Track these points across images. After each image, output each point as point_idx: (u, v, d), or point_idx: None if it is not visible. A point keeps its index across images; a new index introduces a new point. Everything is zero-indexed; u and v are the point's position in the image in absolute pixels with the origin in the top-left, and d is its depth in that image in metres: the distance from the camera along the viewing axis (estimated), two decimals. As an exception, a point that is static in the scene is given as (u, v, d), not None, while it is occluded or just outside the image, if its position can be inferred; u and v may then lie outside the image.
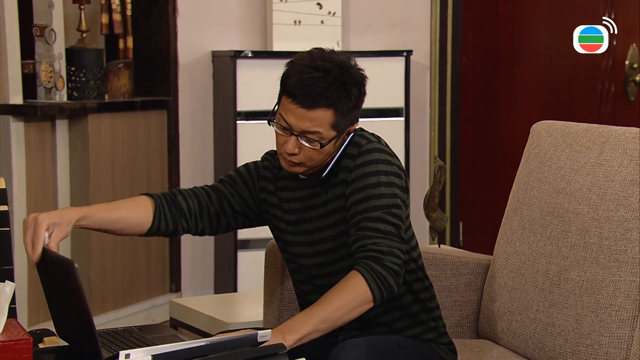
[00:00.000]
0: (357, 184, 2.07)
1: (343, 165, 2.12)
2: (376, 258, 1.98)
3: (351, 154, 2.11)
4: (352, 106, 2.08)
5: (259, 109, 4.38)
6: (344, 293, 1.95)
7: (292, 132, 2.06)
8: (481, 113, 4.95)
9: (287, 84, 2.07)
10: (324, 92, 2.04)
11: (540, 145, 2.48)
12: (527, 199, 2.45)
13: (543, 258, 2.36)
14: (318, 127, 2.05)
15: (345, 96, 2.06)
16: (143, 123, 4.37)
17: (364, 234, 2.02)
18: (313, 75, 2.04)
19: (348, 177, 2.09)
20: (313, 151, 2.07)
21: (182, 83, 4.55)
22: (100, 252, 4.13)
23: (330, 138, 2.07)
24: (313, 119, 2.04)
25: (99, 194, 4.10)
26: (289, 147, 2.07)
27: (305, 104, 2.04)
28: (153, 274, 4.45)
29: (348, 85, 2.07)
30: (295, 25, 4.52)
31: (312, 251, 2.17)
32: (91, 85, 4.11)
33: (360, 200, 2.05)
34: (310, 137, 2.06)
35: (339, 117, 2.07)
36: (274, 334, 1.87)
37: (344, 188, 2.10)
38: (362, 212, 2.04)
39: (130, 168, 4.28)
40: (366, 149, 2.10)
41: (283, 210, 2.21)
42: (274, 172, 2.25)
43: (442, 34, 4.93)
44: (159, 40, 4.53)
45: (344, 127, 2.09)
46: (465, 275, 2.60)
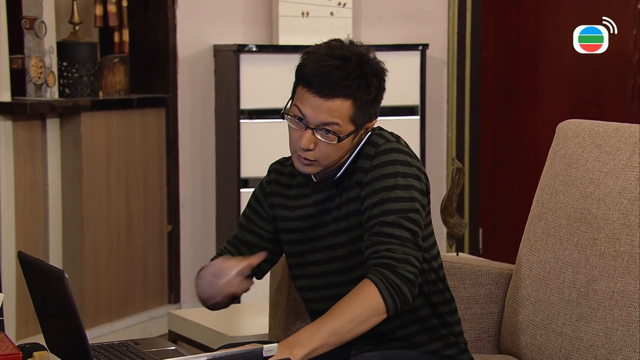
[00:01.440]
0: (373, 186, 2.06)
1: (359, 165, 2.11)
2: (390, 266, 1.98)
3: (368, 154, 2.10)
4: (371, 99, 2.09)
5: (264, 107, 4.38)
6: (356, 304, 1.95)
7: (307, 125, 2.06)
8: (502, 111, 4.94)
9: (303, 73, 2.07)
10: (342, 81, 2.04)
11: (566, 145, 2.47)
12: (552, 203, 2.45)
13: (570, 267, 2.35)
14: (336, 118, 2.05)
15: (364, 87, 2.07)
16: (140, 122, 4.37)
17: (378, 239, 2.01)
18: (331, 63, 2.05)
19: (364, 178, 2.08)
20: (329, 147, 2.07)
21: (182, 79, 4.55)
22: (94, 260, 4.13)
23: (348, 132, 2.07)
24: (331, 109, 2.05)
25: (93, 198, 4.10)
26: (304, 141, 2.07)
27: (323, 93, 2.04)
28: (150, 284, 4.45)
29: (368, 76, 2.07)
30: (303, 17, 4.52)
31: (324, 257, 2.16)
32: (84, 81, 4.12)
33: (376, 204, 2.05)
34: (328, 129, 2.06)
35: (358, 109, 2.07)
36: (280, 348, 1.87)
37: (359, 190, 2.10)
38: (377, 217, 2.03)
39: (125, 170, 4.28)
40: (384, 149, 2.09)
41: (294, 218, 2.21)
42: (282, 181, 2.26)
43: (461, 26, 4.93)
44: (157, 33, 4.53)
45: (363, 121, 2.09)
46: (485, 286, 2.59)
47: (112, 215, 4.22)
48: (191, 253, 4.60)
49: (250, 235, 2.27)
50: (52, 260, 4.01)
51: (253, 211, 2.28)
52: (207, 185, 4.62)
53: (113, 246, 4.20)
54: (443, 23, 4.95)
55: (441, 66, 4.96)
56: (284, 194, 2.24)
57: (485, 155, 4.98)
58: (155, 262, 4.47)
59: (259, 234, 2.27)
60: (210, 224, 4.64)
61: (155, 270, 4.48)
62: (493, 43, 4.95)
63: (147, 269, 4.43)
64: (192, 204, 4.61)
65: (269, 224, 2.27)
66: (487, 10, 4.93)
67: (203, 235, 4.64)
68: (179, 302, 4.57)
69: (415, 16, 4.88)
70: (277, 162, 2.31)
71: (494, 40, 4.94)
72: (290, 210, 2.22)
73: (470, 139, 4.97)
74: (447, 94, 4.99)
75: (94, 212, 4.12)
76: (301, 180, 2.22)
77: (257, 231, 2.27)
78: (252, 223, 2.28)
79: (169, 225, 4.54)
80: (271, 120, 4.40)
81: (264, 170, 4.84)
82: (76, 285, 4.04)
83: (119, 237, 4.26)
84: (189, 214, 4.60)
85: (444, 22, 4.95)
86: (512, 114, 4.90)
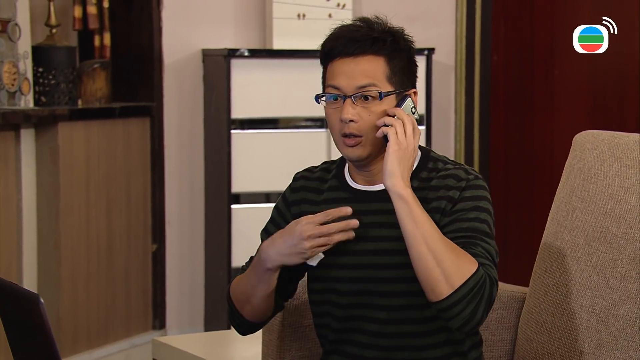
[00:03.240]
0: (465, 207, 2.11)
1: (424, 177, 2.15)
2: (490, 278, 2.05)
3: (434, 169, 2.16)
4: (405, 62, 2.14)
5: (257, 117, 4.38)
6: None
7: (345, 95, 2.11)
8: (515, 121, 4.94)
9: (326, 47, 2.14)
10: (369, 35, 2.11)
11: (584, 158, 2.47)
12: (569, 221, 2.45)
13: (588, 291, 2.35)
14: (371, 78, 2.10)
15: (394, 43, 2.13)
16: (122, 133, 4.37)
17: (479, 252, 2.07)
18: (354, 26, 2.13)
19: (448, 206, 2.11)
20: (373, 116, 2.10)
21: (168, 86, 4.55)
22: (72, 283, 4.12)
23: (389, 91, 2.11)
24: (364, 70, 2.10)
25: (71, 215, 4.09)
26: (346, 112, 2.10)
27: (350, 50, 2.10)
28: (133, 309, 4.44)
29: (396, 36, 2.14)
30: (299, 19, 4.52)
31: (356, 276, 2.15)
32: (62, 89, 4.12)
33: (468, 226, 2.10)
34: (366, 94, 2.10)
35: (393, 69, 2.12)
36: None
37: (438, 217, 2.11)
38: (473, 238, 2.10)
39: (107, 185, 4.27)
40: (477, 184, 2.16)
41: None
42: (311, 186, 2.25)
43: (470, 29, 4.93)
44: (141, 36, 4.54)
45: (402, 84, 2.13)
46: (497, 311, 2.59)
47: (92, 234, 4.21)
48: (177, 274, 4.60)
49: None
50: (26, 283, 4.00)
51: (275, 225, 2.27)
52: (195, 201, 4.62)
53: (93, 267, 4.19)
54: (450, 25, 4.95)
55: (448, 72, 4.97)
56: (312, 200, 2.24)
57: (496, 169, 4.98)
58: (138, 284, 4.46)
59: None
60: (198, 243, 4.64)
61: (138, 294, 4.47)
62: (505, 47, 4.95)
63: (130, 292, 4.42)
64: (179, 222, 4.60)
65: None
66: (498, 11, 4.94)
67: (190, 255, 4.63)
68: (164, 328, 4.56)
69: (420, 18, 4.88)
70: (304, 170, 2.32)
71: (506, 43, 4.94)
72: None
73: (480, 151, 4.97)
74: (455, 102, 4.99)
75: (72, 230, 4.12)
76: (335, 184, 2.22)
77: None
78: None
79: (153, 244, 4.54)
80: (265, 131, 4.40)
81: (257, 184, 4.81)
82: (52, 310, 4.03)
83: (99, 258, 4.25)
84: (175, 232, 4.60)
85: (451, 24, 4.95)
86: (525, 124, 4.90)
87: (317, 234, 2.04)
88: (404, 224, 2.03)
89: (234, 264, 4.39)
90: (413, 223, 2.02)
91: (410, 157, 2.07)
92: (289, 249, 2.08)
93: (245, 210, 4.41)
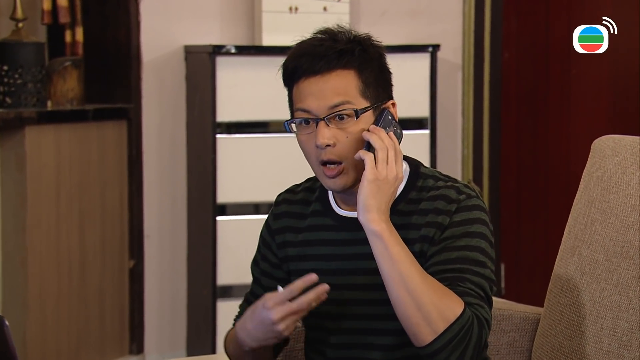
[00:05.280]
0: (452, 243, 2.09)
1: (413, 197, 2.14)
2: (479, 319, 2.03)
3: (424, 187, 2.14)
4: (377, 72, 2.11)
5: (245, 120, 4.38)
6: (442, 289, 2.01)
7: (317, 118, 2.08)
8: (528, 125, 4.94)
9: (288, 66, 2.11)
10: (334, 49, 2.08)
11: (603, 166, 2.47)
12: (587, 235, 2.44)
13: (609, 311, 2.35)
14: (344, 95, 2.08)
15: (362, 53, 2.10)
16: (96, 138, 4.37)
17: (468, 289, 2.05)
18: (316, 40, 2.10)
19: (437, 234, 2.09)
20: (352, 137, 2.08)
21: (147, 86, 4.55)
22: (40, 304, 4.12)
23: (365, 107, 2.09)
24: (334, 86, 2.07)
25: (39, 229, 4.09)
26: (321, 136, 2.07)
27: (315, 67, 2.07)
28: (108, 331, 4.43)
29: (363, 44, 2.11)
30: (291, 13, 4.52)
31: (351, 313, 2.16)
32: (29, 89, 4.11)
33: (456, 260, 2.08)
34: (341, 113, 2.07)
35: (365, 82, 2.09)
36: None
37: (421, 245, 2.10)
38: (463, 272, 2.07)
39: (79, 196, 4.27)
40: (470, 205, 2.13)
41: (308, 257, 2.20)
42: (294, 210, 2.25)
43: (478, 24, 4.93)
44: (116, 31, 4.53)
45: (377, 97, 2.11)
46: (508, 333, 2.59)
47: (63, 249, 4.21)
48: (157, 293, 4.59)
49: (266, 292, 2.25)
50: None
51: (262, 258, 2.28)
52: (176, 213, 4.62)
53: (63, 286, 4.18)
54: (457, 20, 4.95)
55: (455, 71, 4.97)
56: (295, 227, 2.24)
57: (507, 178, 4.98)
58: (114, 304, 4.45)
59: (275, 287, 2.24)
60: (180, 259, 4.63)
61: (114, 315, 4.46)
62: (516, 43, 4.95)
63: (105, 313, 4.41)
64: (159, 235, 4.60)
65: (282, 271, 2.26)
66: (509, 4, 4.94)
67: (172, 272, 4.62)
68: (142, 352, 4.56)
69: (424, 12, 4.88)
70: (286, 191, 2.30)
71: (518, 39, 4.95)
72: (301, 246, 2.21)
73: (490, 158, 4.97)
74: (462, 103, 4.99)
75: (40, 245, 4.11)
76: (318, 208, 2.21)
77: (273, 285, 2.24)
78: (266, 275, 2.28)
79: (130, 260, 4.53)
80: (253, 136, 4.40)
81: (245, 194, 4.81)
82: (18, 333, 4.02)
83: (70, 276, 4.24)
84: (155, 247, 4.59)
85: (457, 18, 4.96)
86: (539, 128, 4.90)
87: (286, 314, 2.01)
88: (380, 264, 2.02)
89: (219, 281, 4.38)
90: (390, 262, 2.00)
91: (390, 187, 2.05)
92: (263, 334, 2.06)
93: (232, 223, 4.40)
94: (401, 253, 2.01)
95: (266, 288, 2.25)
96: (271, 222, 2.27)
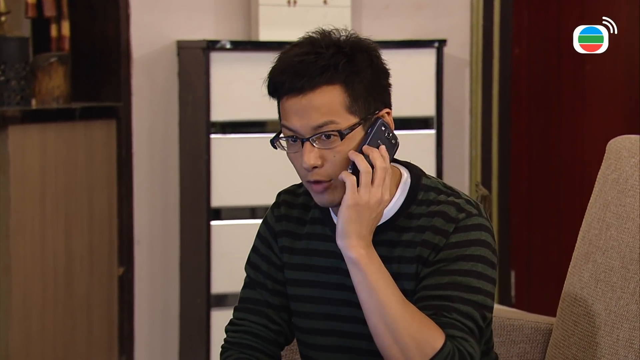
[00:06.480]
0: (447, 266, 2.08)
1: (413, 212, 2.12)
2: (461, 353, 2.02)
3: (424, 201, 2.12)
4: (368, 81, 2.08)
5: (240, 119, 4.38)
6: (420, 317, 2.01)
7: (302, 138, 2.07)
8: (540, 125, 4.94)
9: (271, 81, 2.09)
10: (315, 63, 2.05)
11: (619, 168, 2.47)
12: (602, 241, 2.44)
13: (625, 322, 2.35)
14: (328, 115, 2.05)
15: (347, 62, 2.06)
16: (84, 138, 4.37)
17: (453, 320, 2.04)
18: (296, 52, 2.07)
19: (431, 255, 2.09)
20: (338, 156, 2.06)
21: (137, 84, 4.55)
22: (24, 312, 4.12)
23: (351, 125, 2.07)
24: (317, 106, 2.05)
25: (23, 234, 4.09)
26: (306, 158, 2.06)
27: (298, 87, 2.05)
28: (96, 342, 4.43)
29: (348, 50, 2.07)
30: (289, 6, 4.52)
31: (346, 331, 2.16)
32: (12, 86, 4.11)
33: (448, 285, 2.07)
34: (326, 133, 2.06)
35: (353, 96, 2.06)
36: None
37: (416, 267, 2.10)
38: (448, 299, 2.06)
39: (66, 199, 4.27)
40: (468, 224, 2.11)
41: (304, 267, 2.20)
42: (293, 214, 2.25)
43: (487, 18, 4.93)
44: (105, 26, 4.53)
45: (367, 109, 2.08)
46: (519, 344, 2.60)
47: (48, 256, 4.21)
48: (148, 302, 4.59)
49: (272, 296, 2.25)
50: (-29, 312, 4.00)
51: (261, 257, 2.27)
52: (168, 217, 4.62)
53: (49, 295, 4.18)
54: (465, 13, 4.95)
55: (462, 67, 4.97)
56: (294, 232, 2.24)
57: (518, 181, 4.98)
58: (102, 314, 4.45)
59: (281, 291, 2.25)
60: (172, 266, 4.63)
61: (102, 325, 4.46)
62: (528, 38, 4.95)
63: (92, 324, 4.41)
64: (150, 241, 4.60)
65: (283, 275, 2.25)
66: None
67: (163, 279, 4.63)
68: (132, 364, 4.56)
69: (429, 5, 4.88)
70: (286, 192, 2.29)
71: (529, 34, 4.95)
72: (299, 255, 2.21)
73: (499, 160, 4.97)
74: (470, 102, 4.99)
75: (24, 252, 4.11)
76: (318, 216, 2.21)
77: (279, 288, 2.24)
78: (271, 278, 2.26)
79: (120, 267, 4.53)
80: (249, 136, 4.40)
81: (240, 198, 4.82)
82: (1, 344, 4.02)
83: (56, 284, 4.24)
84: (145, 254, 4.59)
85: (465, 12, 4.95)
86: (551, 128, 4.90)
87: None
88: (358, 292, 2.03)
89: (213, 290, 4.37)
90: (367, 291, 2.01)
91: (372, 212, 2.04)
92: None
93: (227, 228, 4.40)
94: (379, 281, 2.01)
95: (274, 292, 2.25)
96: (273, 223, 2.27)
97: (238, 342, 2.24)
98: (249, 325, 2.25)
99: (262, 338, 2.24)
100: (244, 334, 2.25)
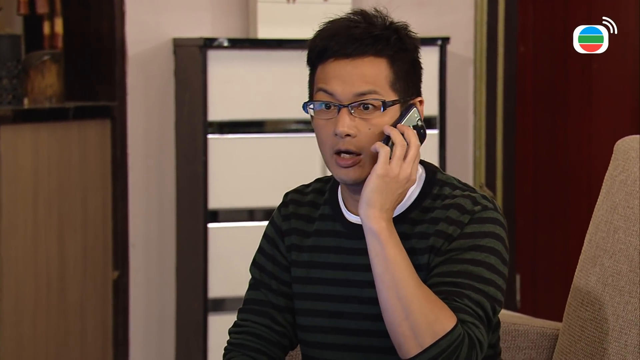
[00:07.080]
0: (457, 255, 2.09)
1: (427, 206, 2.14)
2: (471, 338, 2.02)
3: (439, 195, 2.14)
4: (409, 65, 2.13)
5: (238, 119, 4.38)
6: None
7: (340, 104, 2.10)
8: (545, 124, 4.94)
9: (317, 45, 2.13)
10: (369, 32, 2.10)
11: (627, 169, 2.46)
12: (609, 244, 2.44)
13: (634, 327, 2.35)
14: (372, 85, 2.09)
15: (398, 41, 2.12)
16: (78, 138, 4.37)
17: (464, 306, 2.05)
18: (351, 21, 2.12)
19: (444, 245, 2.10)
20: (374, 129, 2.09)
21: (132, 83, 4.55)
22: (15, 318, 4.12)
23: (393, 100, 2.10)
24: (363, 74, 2.09)
25: (14, 237, 4.09)
26: (341, 124, 2.08)
27: (347, 50, 2.09)
28: (90, 348, 4.43)
29: (400, 32, 2.13)
30: (288, 3, 4.52)
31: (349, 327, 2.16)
32: (4, 85, 4.12)
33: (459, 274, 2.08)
34: (366, 102, 2.09)
35: (396, 74, 2.11)
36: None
37: (428, 257, 2.11)
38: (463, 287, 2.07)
39: (59, 201, 4.27)
40: (484, 217, 2.13)
41: (313, 264, 2.20)
42: (302, 212, 2.26)
43: (491, 15, 4.93)
44: (99, 23, 4.53)
45: (406, 91, 2.12)
46: (524, 350, 2.60)
47: (40, 260, 4.21)
48: (143, 307, 4.59)
49: (277, 297, 2.26)
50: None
51: (267, 257, 2.28)
52: (164, 220, 4.62)
53: (41, 299, 4.18)
54: (468, 10, 4.95)
55: (466, 66, 4.97)
56: (303, 230, 2.25)
57: (523, 182, 4.98)
58: (96, 319, 4.45)
59: (286, 292, 2.26)
60: (168, 270, 4.63)
61: (96, 330, 4.46)
62: (533, 36, 4.95)
63: (86, 329, 4.41)
64: (146, 244, 4.60)
65: (289, 275, 2.26)
66: (525, -7, 4.95)
67: (159, 283, 4.62)
68: (127, 371, 4.56)
69: (432, 1, 4.89)
70: (294, 191, 2.31)
71: (535, 32, 4.95)
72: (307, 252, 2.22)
73: (504, 160, 4.97)
74: (474, 101, 4.99)
75: (16, 255, 4.11)
76: (328, 212, 2.22)
77: (284, 289, 2.25)
78: (276, 278, 2.27)
79: (114, 271, 4.53)
80: (248, 136, 4.39)
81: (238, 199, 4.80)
82: (-7, 349, 4.02)
83: (48, 288, 4.24)
84: (140, 257, 4.59)
85: (469, 9, 4.96)
86: (557, 127, 4.90)
87: None
88: (373, 264, 2.03)
89: (210, 294, 4.37)
90: (384, 264, 2.02)
91: (399, 187, 2.06)
92: None
93: (225, 230, 4.40)
94: (398, 256, 2.02)
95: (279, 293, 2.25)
96: (280, 223, 2.28)
97: (241, 343, 2.25)
98: (252, 326, 2.25)
99: (265, 339, 2.24)
100: (247, 335, 2.25)
